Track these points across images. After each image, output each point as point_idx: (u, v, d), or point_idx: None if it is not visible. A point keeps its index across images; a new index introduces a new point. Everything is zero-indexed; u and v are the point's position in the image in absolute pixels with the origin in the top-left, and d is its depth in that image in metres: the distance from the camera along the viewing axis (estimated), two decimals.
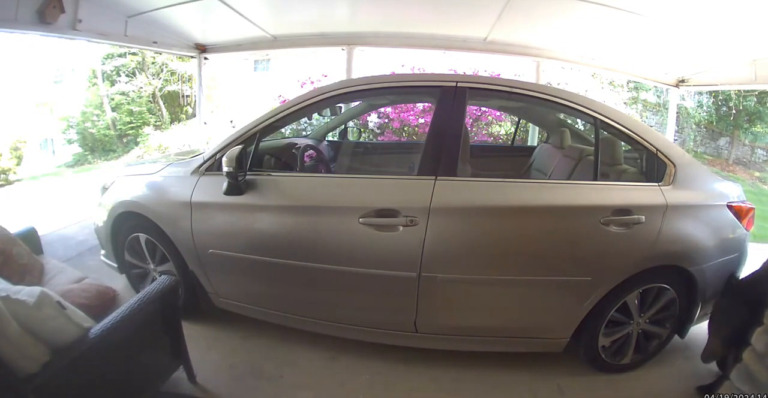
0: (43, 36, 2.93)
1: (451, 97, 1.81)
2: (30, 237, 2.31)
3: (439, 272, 1.70)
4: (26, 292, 1.16)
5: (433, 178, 1.71)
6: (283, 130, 3.94)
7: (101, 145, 13.15)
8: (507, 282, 1.74)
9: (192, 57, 4.28)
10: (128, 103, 12.84)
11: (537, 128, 4.39)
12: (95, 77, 13.19)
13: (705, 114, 10.80)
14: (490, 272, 1.73)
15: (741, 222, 1.84)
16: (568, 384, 1.85)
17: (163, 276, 1.58)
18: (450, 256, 1.71)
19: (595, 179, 1.80)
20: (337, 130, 3.31)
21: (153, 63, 12.86)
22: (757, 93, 9.62)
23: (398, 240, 1.69)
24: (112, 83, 13.14)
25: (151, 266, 2.17)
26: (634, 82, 9.49)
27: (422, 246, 1.68)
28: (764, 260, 1.72)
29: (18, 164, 11.06)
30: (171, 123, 13.14)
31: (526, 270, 1.73)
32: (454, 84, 1.83)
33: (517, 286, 1.75)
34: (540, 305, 1.78)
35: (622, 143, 1.97)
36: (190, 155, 2.24)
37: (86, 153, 13.24)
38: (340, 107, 3.03)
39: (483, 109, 5.51)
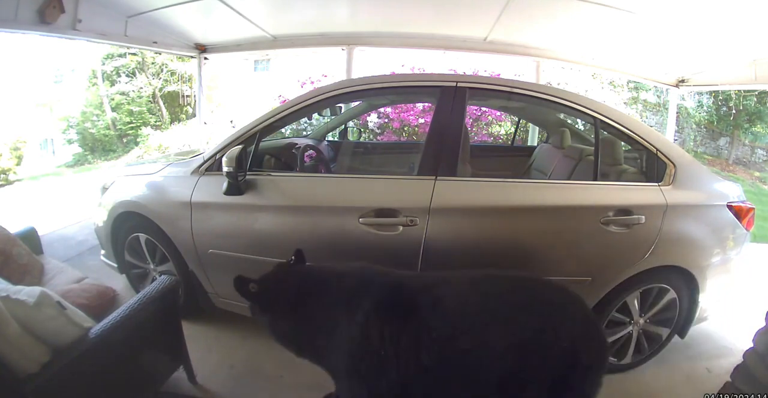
0: (43, 36, 2.93)
1: (451, 97, 1.81)
2: (30, 237, 2.30)
3: None
4: (26, 292, 1.16)
5: (433, 177, 1.72)
6: (283, 130, 3.94)
7: (101, 145, 13.13)
8: None
9: (192, 57, 4.28)
10: (128, 103, 12.81)
11: (537, 128, 4.40)
12: (95, 77, 13.16)
13: (705, 114, 10.78)
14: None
15: (741, 223, 1.84)
16: None
17: (163, 276, 1.58)
18: (450, 256, 1.70)
19: (595, 179, 1.80)
20: (337, 130, 3.31)
21: (153, 63, 12.83)
22: (757, 93, 9.61)
23: (398, 240, 1.69)
24: (112, 83, 13.11)
25: (151, 266, 2.17)
26: (634, 82, 9.48)
27: (422, 246, 1.68)
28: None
29: (18, 164, 11.03)
30: (171, 123, 13.12)
31: (527, 270, 1.73)
32: (454, 84, 1.83)
33: None
34: None
35: (622, 143, 1.97)
36: (190, 155, 2.24)
37: (86, 153, 13.22)
38: (340, 107, 3.03)
39: (483, 109, 5.52)
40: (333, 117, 3.15)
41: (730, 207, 1.83)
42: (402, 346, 1.15)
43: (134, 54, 12.47)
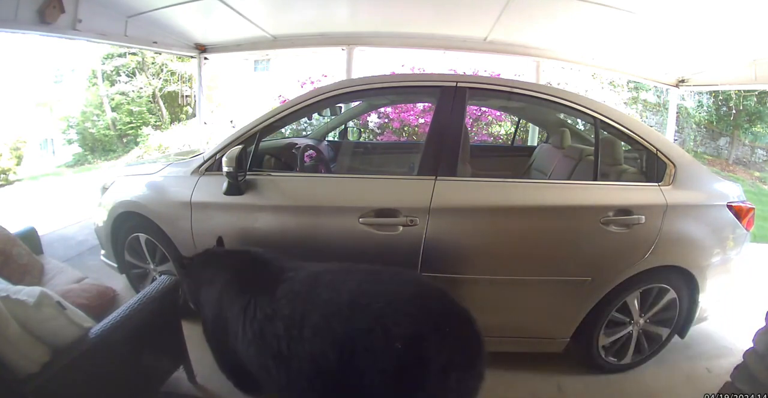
0: (43, 36, 2.93)
1: (451, 97, 1.81)
2: (30, 237, 2.30)
3: (439, 272, 1.70)
4: (26, 292, 1.16)
5: (433, 177, 1.72)
6: (283, 130, 3.94)
7: (101, 145, 13.13)
8: (507, 282, 1.74)
9: (192, 57, 4.29)
10: (128, 103, 12.81)
11: (537, 128, 4.40)
12: (95, 77, 13.16)
13: (705, 114, 10.79)
14: (490, 272, 1.73)
15: (741, 223, 1.84)
16: (568, 384, 1.85)
17: (163, 276, 1.58)
18: (450, 256, 1.71)
19: (595, 179, 1.80)
20: (337, 130, 3.31)
21: (153, 63, 12.83)
22: (757, 93, 9.61)
23: (398, 240, 1.69)
24: (112, 83, 13.10)
25: (151, 266, 2.17)
26: (634, 82, 9.49)
27: (422, 246, 1.68)
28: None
29: (18, 164, 11.03)
30: (171, 123, 13.12)
31: (526, 270, 1.73)
32: (454, 84, 1.84)
33: (517, 286, 1.75)
34: (540, 305, 1.78)
35: (622, 143, 1.97)
36: (190, 155, 2.24)
37: (86, 153, 13.22)
38: (340, 107, 3.03)
39: (483, 109, 5.52)
40: (333, 117, 3.15)
41: (730, 207, 1.83)
42: (237, 320, 1.30)
43: (134, 54, 12.46)
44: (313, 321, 1.16)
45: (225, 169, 1.71)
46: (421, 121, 5.52)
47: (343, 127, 3.30)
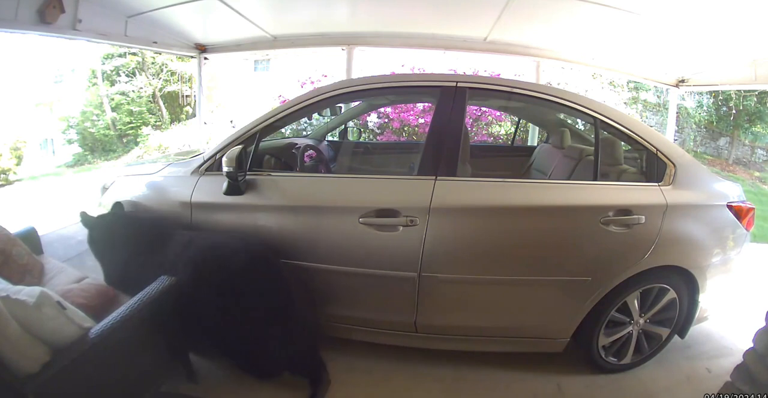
0: (43, 36, 2.93)
1: (451, 97, 1.82)
2: (30, 237, 2.29)
3: (439, 272, 1.71)
4: (26, 292, 1.16)
5: (433, 178, 1.72)
6: (283, 130, 3.94)
7: (101, 145, 13.13)
8: (507, 283, 1.74)
9: (192, 57, 4.29)
10: (128, 103, 12.81)
11: (537, 128, 4.40)
12: (95, 77, 13.15)
13: (705, 114, 10.80)
14: (490, 272, 1.73)
15: (741, 222, 1.84)
16: (568, 384, 1.85)
17: (163, 276, 1.57)
18: (450, 256, 1.71)
19: (595, 179, 1.80)
20: (337, 130, 3.31)
21: (153, 63, 12.84)
22: (757, 93, 9.61)
23: (398, 240, 1.69)
24: (112, 83, 13.10)
25: None
26: (634, 82, 9.49)
27: (422, 247, 1.68)
28: None
29: (18, 164, 11.01)
30: (171, 123, 13.13)
31: (526, 270, 1.73)
32: (454, 84, 1.84)
33: (517, 286, 1.75)
34: (540, 305, 1.78)
35: (622, 143, 1.97)
36: (190, 155, 2.24)
37: (86, 153, 13.21)
38: (340, 107, 3.03)
39: (483, 109, 5.52)
40: (333, 117, 3.15)
41: (730, 207, 1.83)
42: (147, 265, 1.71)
43: (134, 54, 12.47)
44: (182, 261, 1.63)
45: (225, 169, 1.71)
46: (421, 121, 5.53)
47: (343, 127, 3.30)
